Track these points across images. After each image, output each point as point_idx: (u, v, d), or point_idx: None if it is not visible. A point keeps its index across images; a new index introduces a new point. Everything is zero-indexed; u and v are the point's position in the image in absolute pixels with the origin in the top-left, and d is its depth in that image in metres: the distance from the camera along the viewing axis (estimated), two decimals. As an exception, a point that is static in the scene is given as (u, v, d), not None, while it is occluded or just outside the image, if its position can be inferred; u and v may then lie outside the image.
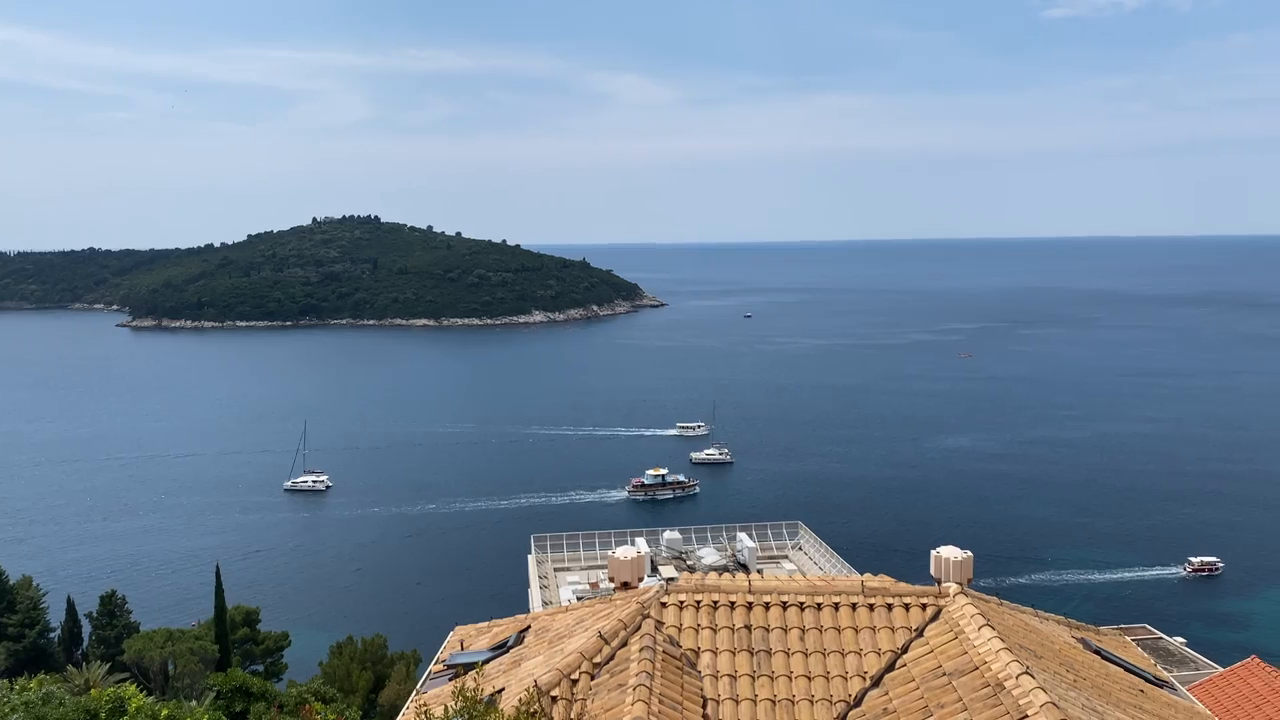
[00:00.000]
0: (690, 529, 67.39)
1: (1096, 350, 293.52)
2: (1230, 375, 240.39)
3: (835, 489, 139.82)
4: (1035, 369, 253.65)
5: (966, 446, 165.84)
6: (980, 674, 13.66)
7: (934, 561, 17.47)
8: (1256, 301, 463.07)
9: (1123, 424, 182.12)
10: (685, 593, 16.45)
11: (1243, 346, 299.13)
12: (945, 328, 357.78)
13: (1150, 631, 53.00)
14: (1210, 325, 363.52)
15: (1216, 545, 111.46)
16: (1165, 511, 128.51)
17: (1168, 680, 18.37)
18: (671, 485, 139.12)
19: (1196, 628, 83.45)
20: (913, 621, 15.76)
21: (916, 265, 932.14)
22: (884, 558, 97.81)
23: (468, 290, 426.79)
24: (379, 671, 54.26)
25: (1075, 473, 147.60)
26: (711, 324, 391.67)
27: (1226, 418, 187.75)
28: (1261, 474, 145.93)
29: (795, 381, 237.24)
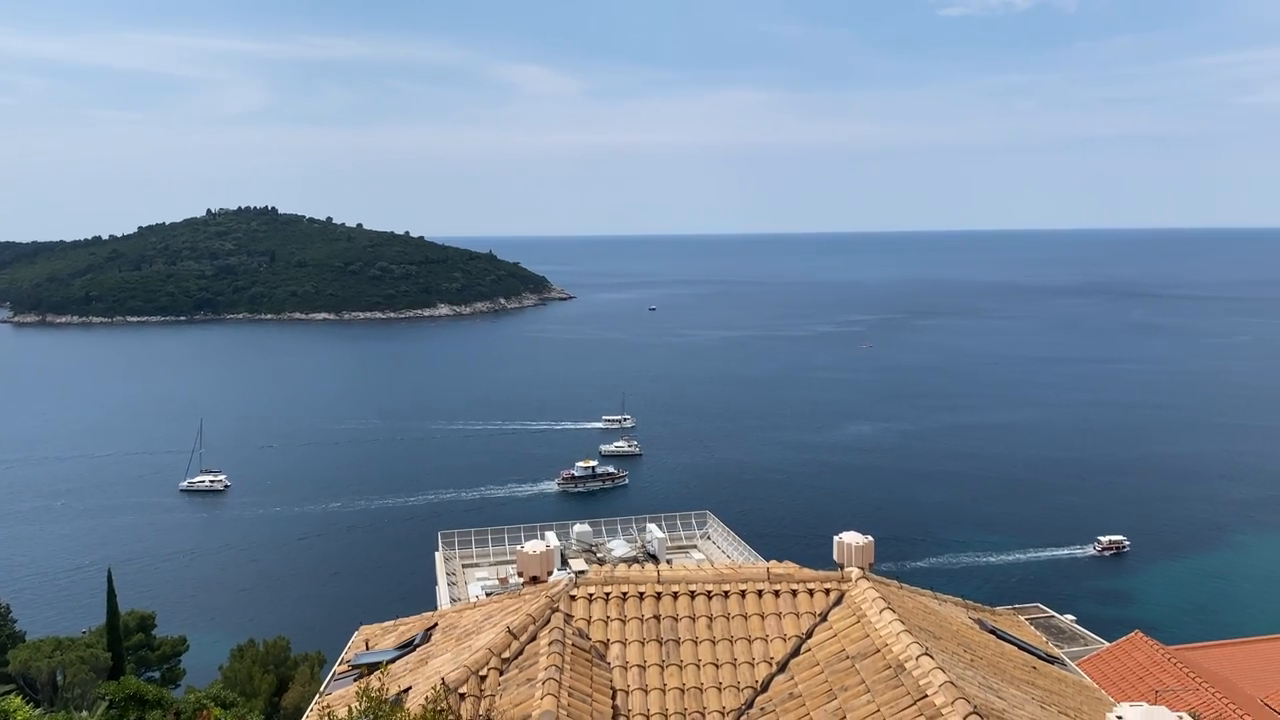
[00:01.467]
0: (600, 521, 67.59)
1: (990, 339, 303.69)
2: (1115, 362, 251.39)
3: (743, 478, 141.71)
4: (932, 358, 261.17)
5: (868, 434, 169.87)
6: (882, 656, 14.02)
7: (837, 547, 17.85)
8: (1136, 291, 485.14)
9: (1016, 410, 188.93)
10: (594, 585, 16.48)
11: (1126, 334, 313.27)
12: (847, 319, 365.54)
13: (1043, 610, 55.37)
14: (1095, 314, 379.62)
15: (1121, 524, 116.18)
16: (1067, 493, 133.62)
17: (1058, 656, 19.14)
18: (601, 477, 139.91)
19: (1086, 605, 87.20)
20: (817, 607, 16.08)
21: (818, 258, 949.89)
22: (790, 544, 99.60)
23: (370, 283, 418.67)
24: (282, 674, 52.94)
25: (973, 458, 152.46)
26: (620, 317, 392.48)
27: (1116, 402, 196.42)
28: (1154, 455, 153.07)
29: (703, 373, 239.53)
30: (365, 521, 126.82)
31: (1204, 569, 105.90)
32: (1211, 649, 44.46)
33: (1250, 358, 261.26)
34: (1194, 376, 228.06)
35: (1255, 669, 40.56)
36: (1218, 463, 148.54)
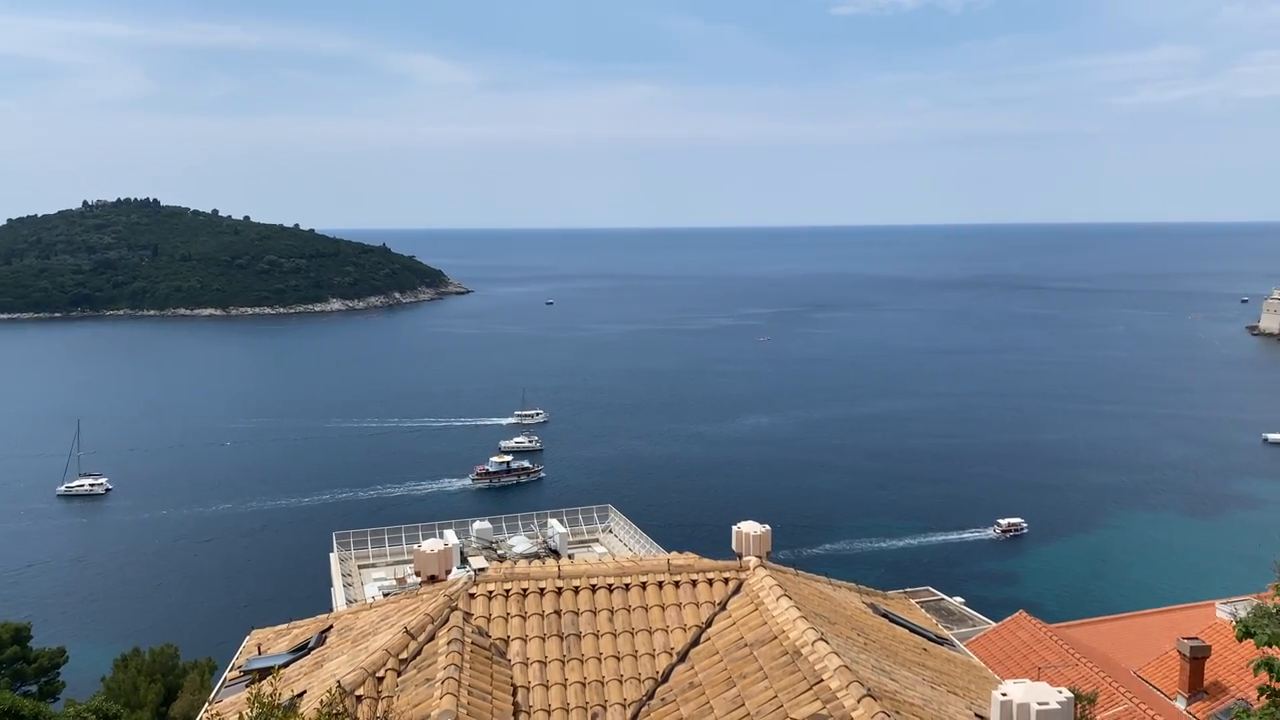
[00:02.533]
0: (501, 518, 67.06)
1: (883, 331, 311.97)
2: (1002, 352, 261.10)
3: (645, 471, 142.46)
4: (828, 350, 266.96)
5: (767, 425, 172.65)
6: (779, 642, 14.28)
7: (735, 537, 18.08)
8: (1021, 284, 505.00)
9: (910, 400, 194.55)
10: (494, 582, 16.35)
11: (1012, 325, 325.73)
12: (744, 313, 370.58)
13: (933, 594, 57.13)
14: (982, 306, 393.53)
15: (1016, 508, 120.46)
16: (961, 479, 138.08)
17: (947, 638, 19.80)
18: (517, 471, 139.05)
19: (974, 587, 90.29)
20: (716, 596, 16.28)
21: (715, 253, 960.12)
22: (691, 536, 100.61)
23: (258, 277, 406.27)
24: (170, 683, 51.04)
25: (868, 447, 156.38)
26: (518, 311, 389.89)
27: (1004, 391, 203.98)
28: (1041, 441, 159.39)
29: (604, 367, 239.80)
30: (257, 523, 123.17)
31: (1084, 549, 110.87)
32: (1090, 625, 46.66)
33: (1124, 346, 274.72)
34: (1074, 365, 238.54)
35: (1129, 643, 42.72)
36: (1097, 447, 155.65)
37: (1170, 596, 70.39)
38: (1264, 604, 17.92)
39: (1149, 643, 41.56)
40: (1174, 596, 68.68)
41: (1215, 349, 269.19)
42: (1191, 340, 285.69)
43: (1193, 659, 36.32)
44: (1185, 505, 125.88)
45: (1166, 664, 37.99)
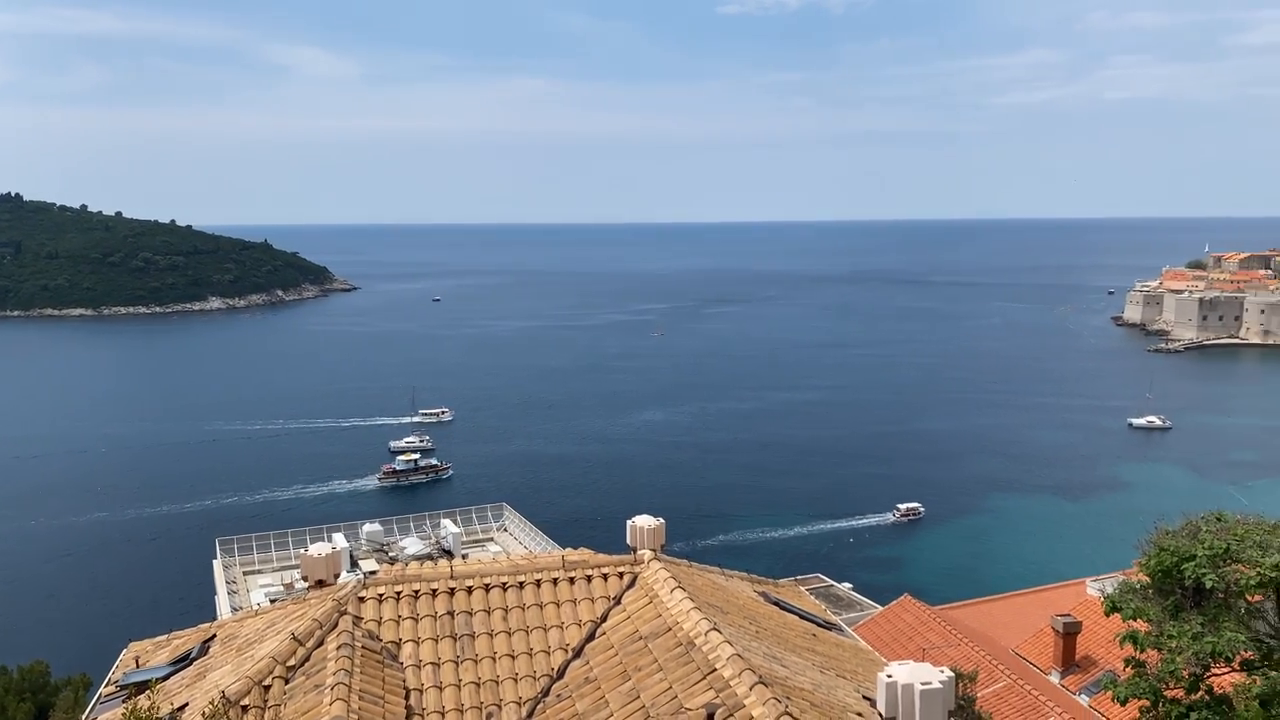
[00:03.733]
0: (392, 520, 65.89)
1: (774, 325, 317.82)
2: (887, 344, 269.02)
3: (540, 468, 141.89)
4: (721, 344, 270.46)
5: (662, 420, 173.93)
6: (674, 634, 14.43)
7: (630, 531, 18.18)
8: (903, 279, 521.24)
9: (801, 392, 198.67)
10: (384, 585, 16.08)
11: (896, 319, 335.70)
12: (639, 308, 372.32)
13: (823, 580, 58.47)
14: (867, 300, 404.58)
15: (908, 493, 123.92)
16: (851, 467, 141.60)
17: (836, 623, 20.32)
18: (425, 470, 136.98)
19: (863, 573, 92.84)
20: (611, 590, 16.36)
21: (608, 248, 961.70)
22: (587, 531, 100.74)
23: (132, 275, 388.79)
24: (41, 701, 48.54)
25: (762, 439, 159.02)
26: (406, 308, 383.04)
27: (889, 382, 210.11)
28: (926, 430, 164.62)
29: (497, 364, 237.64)
30: (136, 532, 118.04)
31: (966, 533, 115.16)
32: (971, 606, 48.50)
33: (1000, 338, 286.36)
34: (954, 356, 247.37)
35: (1008, 621, 44.57)
36: (977, 435, 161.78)
37: (1045, 576, 73.62)
38: (1129, 580, 18.96)
39: (1026, 621, 43.45)
40: (1049, 576, 71.88)
41: (1084, 339, 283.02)
42: (1062, 331, 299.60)
43: (1065, 635, 38.13)
44: (1059, 489, 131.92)
45: (1042, 640, 39.77)
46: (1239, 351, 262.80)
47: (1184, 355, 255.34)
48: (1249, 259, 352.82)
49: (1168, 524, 18.32)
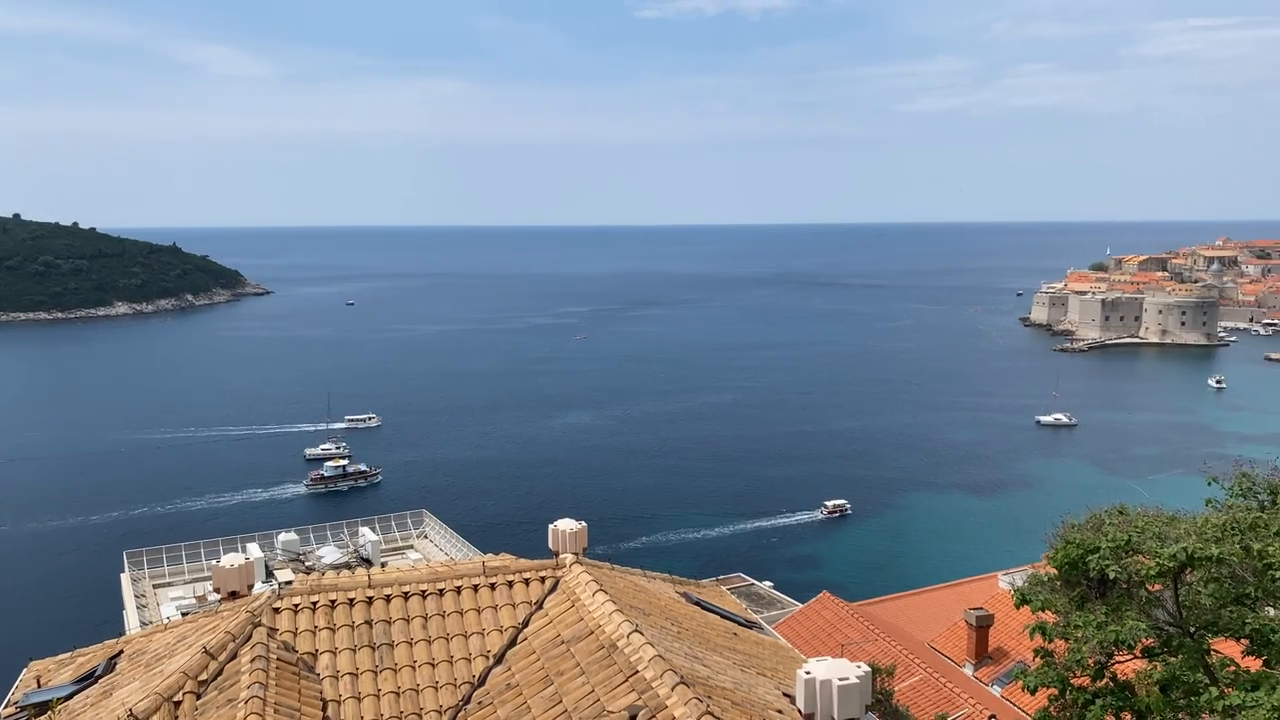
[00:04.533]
0: (309, 528, 64.55)
1: (695, 327, 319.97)
2: (806, 345, 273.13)
3: (463, 473, 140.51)
4: (643, 347, 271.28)
5: (585, 423, 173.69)
6: (596, 637, 14.43)
7: (551, 535, 18.13)
8: (819, 281, 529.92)
9: (723, 393, 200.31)
10: (300, 595, 15.76)
11: (814, 320, 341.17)
12: (561, 311, 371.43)
13: (744, 579, 59.02)
14: (785, 302, 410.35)
15: (828, 491, 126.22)
16: (776, 466, 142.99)
17: (756, 621, 20.56)
18: (353, 475, 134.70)
19: (784, 571, 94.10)
20: (533, 595, 16.28)
21: (529, 251, 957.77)
22: (509, 536, 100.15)
23: (32, 280, 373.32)
24: (-66, 728, 46.31)
25: (685, 440, 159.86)
26: (320, 312, 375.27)
27: (809, 382, 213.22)
28: (847, 429, 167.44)
29: (416, 368, 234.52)
30: (38, 546, 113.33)
31: (884, 530, 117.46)
32: (888, 601, 49.51)
33: (913, 338, 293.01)
34: (871, 356, 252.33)
35: (924, 616, 45.61)
36: (893, 433, 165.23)
37: (960, 570, 75.41)
38: (1038, 573, 19.55)
39: (941, 615, 44.52)
40: (963, 570, 73.65)
41: (993, 339, 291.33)
42: (972, 331, 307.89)
43: (978, 628, 39.18)
44: (972, 485, 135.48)
45: (956, 634, 40.79)
46: (1139, 350, 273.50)
47: (1088, 354, 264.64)
48: (1147, 261, 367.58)
49: (1073, 518, 18.93)
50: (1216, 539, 16.34)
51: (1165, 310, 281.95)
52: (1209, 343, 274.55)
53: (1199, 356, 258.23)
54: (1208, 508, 18.71)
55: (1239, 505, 18.16)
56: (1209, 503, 18.88)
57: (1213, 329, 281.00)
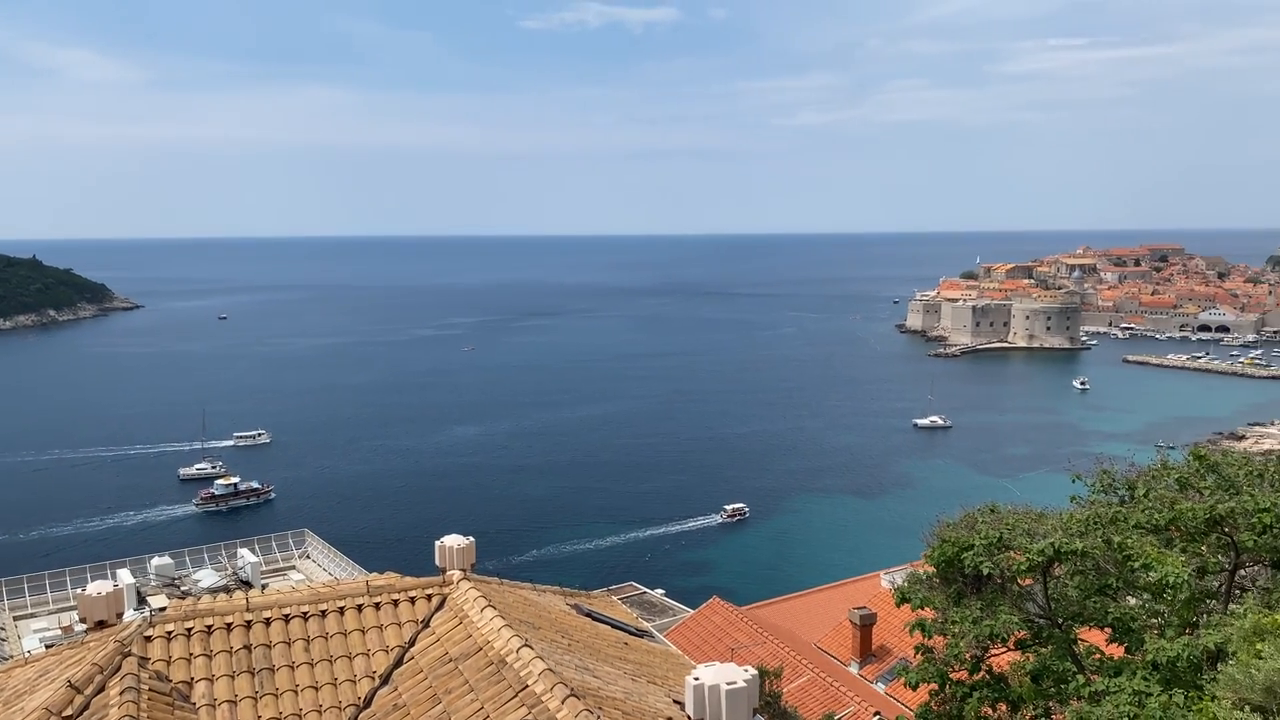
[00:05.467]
0: (184, 552, 62.03)
1: (583, 337, 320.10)
2: (695, 354, 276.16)
3: (347, 491, 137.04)
4: (533, 358, 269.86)
5: (474, 436, 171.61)
6: (485, 654, 14.26)
7: (438, 551, 17.85)
8: (704, 291, 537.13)
9: (614, 403, 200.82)
10: (174, 622, 15.10)
11: (701, 329, 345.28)
12: (447, 323, 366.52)
13: (636, 588, 59.26)
14: (673, 312, 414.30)
15: (720, 497, 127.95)
16: (667, 474, 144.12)
17: (647, 630, 20.66)
18: (246, 493, 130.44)
19: (676, 578, 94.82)
20: (419, 614, 15.99)
21: (412, 262, 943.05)
22: (395, 554, 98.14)
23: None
24: None
25: (575, 451, 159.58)
26: (193, 327, 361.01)
27: (698, 390, 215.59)
28: (735, 435, 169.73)
29: (296, 383, 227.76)
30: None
31: (771, 533, 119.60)
32: (777, 604, 50.38)
33: (797, 346, 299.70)
34: (757, 364, 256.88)
35: (811, 617, 46.57)
36: (780, 438, 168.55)
37: (845, 571, 77.33)
38: (916, 571, 20.19)
39: (827, 615, 45.54)
40: (849, 570, 75.56)
41: (871, 346, 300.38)
42: (852, 339, 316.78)
43: (862, 626, 40.22)
44: (855, 487, 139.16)
45: (841, 633, 41.78)
46: (1008, 354, 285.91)
47: (960, 359, 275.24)
48: (1014, 269, 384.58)
49: (948, 517, 19.63)
50: (1081, 534, 17.17)
51: (1031, 316, 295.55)
52: (1072, 346, 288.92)
53: (1063, 359, 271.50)
54: (1072, 504, 19.65)
55: (1100, 501, 19.14)
56: (1073, 499, 19.83)
57: (1075, 333, 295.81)
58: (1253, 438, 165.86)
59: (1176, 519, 16.86)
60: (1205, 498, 17.11)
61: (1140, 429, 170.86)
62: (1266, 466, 19.05)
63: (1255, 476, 18.29)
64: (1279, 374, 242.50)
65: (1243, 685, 9.22)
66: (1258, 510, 15.98)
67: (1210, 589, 17.54)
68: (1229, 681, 9.44)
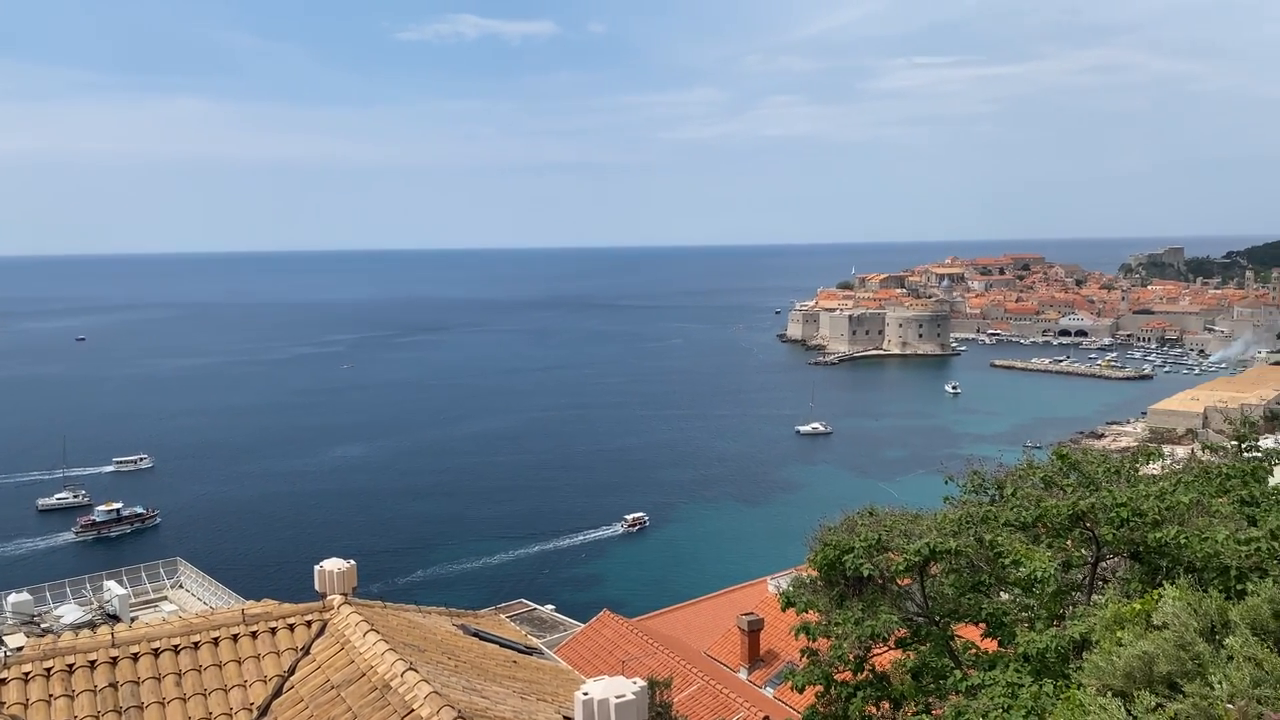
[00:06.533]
0: (45, 586, 58.63)
1: (468, 352, 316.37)
2: (583, 367, 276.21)
3: (224, 516, 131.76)
4: (417, 374, 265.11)
5: (355, 456, 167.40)
6: (368, 679, 13.89)
7: (318, 576, 17.31)
8: (592, 303, 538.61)
9: (502, 417, 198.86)
10: (32, 661, 14.23)
11: (589, 342, 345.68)
12: (326, 340, 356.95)
13: (526, 605, 58.70)
14: (560, 325, 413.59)
15: (620, 508, 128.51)
16: (561, 488, 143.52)
17: (536, 647, 20.47)
18: (129, 519, 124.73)
19: (567, 593, 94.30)
20: (299, 641, 15.47)
21: (288, 277, 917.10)
22: (274, 581, 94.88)
23: None
24: None
25: (463, 468, 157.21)
26: (49, 349, 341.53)
27: (587, 403, 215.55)
28: (625, 447, 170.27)
29: (164, 407, 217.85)
30: None
31: (662, 543, 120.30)
32: (667, 614, 50.62)
33: (683, 356, 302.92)
34: (645, 375, 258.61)
35: (700, 625, 46.95)
36: (668, 448, 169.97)
37: (734, 577, 78.10)
38: (800, 575, 20.56)
39: (716, 622, 45.98)
40: (737, 576, 76.36)
41: (755, 355, 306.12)
42: (735, 349, 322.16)
43: (750, 632, 40.75)
44: (742, 494, 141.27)
45: (730, 640, 42.25)
46: (884, 361, 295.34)
47: (839, 367, 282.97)
48: (888, 279, 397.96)
49: (829, 521, 20.05)
50: (954, 533, 17.78)
51: (904, 324, 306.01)
52: (944, 352, 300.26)
53: (935, 365, 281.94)
54: (946, 504, 20.34)
55: (972, 501, 19.87)
56: (947, 499, 20.53)
57: (946, 340, 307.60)
58: (1111, 436, 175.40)
59: (1042, 516, 17.59)
60: (1068, 495, 17.91)
61: (1008, 430, 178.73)
62: (1123, 463, 20.10)
63: (1113, 473, 19.27)
64: (1133, 375, 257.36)
65: (1105, 672, 9.65)
66: (1115, 505, 16.82)
67: (1075, 582, 18.36)
68: (1093, 669, 9.88)
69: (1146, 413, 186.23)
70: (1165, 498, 17.19)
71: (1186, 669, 9.02)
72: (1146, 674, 9.25)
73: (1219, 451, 22.23)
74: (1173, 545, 16.07)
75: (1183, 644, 9.34)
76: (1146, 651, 9.35)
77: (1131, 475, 19.30)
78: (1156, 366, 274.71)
